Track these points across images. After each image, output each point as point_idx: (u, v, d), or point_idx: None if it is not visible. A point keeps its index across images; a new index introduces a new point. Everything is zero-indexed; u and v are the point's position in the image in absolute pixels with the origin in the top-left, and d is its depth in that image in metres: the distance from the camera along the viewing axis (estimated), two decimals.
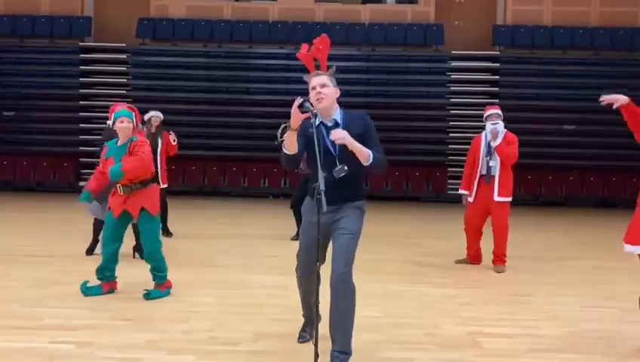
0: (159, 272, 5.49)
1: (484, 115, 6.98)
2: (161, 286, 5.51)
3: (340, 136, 3.64)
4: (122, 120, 5.34)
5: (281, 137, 8.37)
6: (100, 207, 6.64)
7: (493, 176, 6.81)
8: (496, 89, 14.71)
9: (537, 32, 14.86)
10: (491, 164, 6.81)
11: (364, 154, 3.68)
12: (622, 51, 14.80)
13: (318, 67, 5.22)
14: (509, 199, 6.89)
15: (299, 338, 4.31)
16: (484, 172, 6.84)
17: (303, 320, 4.38)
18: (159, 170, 8.33)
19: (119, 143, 5.43)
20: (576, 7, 15.07)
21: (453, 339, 4.52)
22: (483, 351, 4.30)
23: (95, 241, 7.18)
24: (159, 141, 8.42)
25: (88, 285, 5.50)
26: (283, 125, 4.07)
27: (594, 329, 4.86)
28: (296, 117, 3.55)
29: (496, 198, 6.79)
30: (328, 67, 4.22)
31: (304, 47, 4.87)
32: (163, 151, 8.45)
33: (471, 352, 4.26)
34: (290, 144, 3.70)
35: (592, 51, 14.81)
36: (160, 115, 8.61)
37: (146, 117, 8.38)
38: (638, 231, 4.25)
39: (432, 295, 5.80)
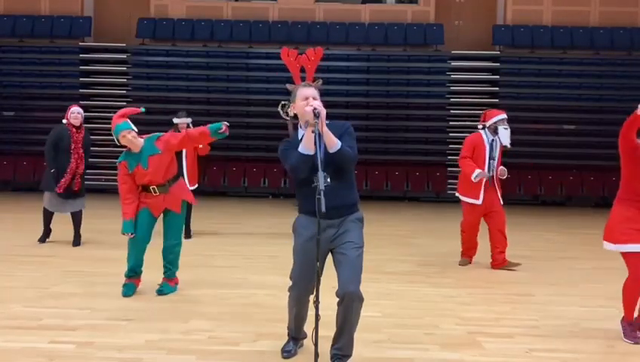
0: (173, 267, 5.67)
1: (495, 119, 6.78)
2: (171, 281, 5.67)
3: (319, 104, 3.62)
4: (124, 134, 5.30)
5: (286, 114, 8.32)
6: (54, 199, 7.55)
7: (493, 177, 6.84)
8: (496, 89, 14.70)
9: (537, 31, 14.85)
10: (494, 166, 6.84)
11: (333, 141, 3.64)
12: (622, 51, 14.79)
13: (303, 78, 4.99)
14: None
15: (283, 352, 4.08)
16: (491, 173, 6.80)
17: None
18: (185, 171, 8.33)
19: (135, 151, 5.36)
20: (576, 7, 15.06)
21: (453, 339, 4.52)
22: (483, 351, 4.30)
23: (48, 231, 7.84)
24: None
25: (123, 286, 5.60)
26: (282, 103, 3.99)
27: (594, 329, 4.86)
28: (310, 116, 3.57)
29: (502, 202, 6.86)
30: (314, 79, 4.11)
31: (293, 52, 4.42)
32: (189, 153, 8.39)
33: (471, 352, 4.27)
34: (310, 142, 3.60)
35: (591, 51, 14.81)
36: (185, 120, 8.43)
37: (175, 120, 8.42)
38: (616, 230, 4.44)
39: (432, 295, 5.80)
